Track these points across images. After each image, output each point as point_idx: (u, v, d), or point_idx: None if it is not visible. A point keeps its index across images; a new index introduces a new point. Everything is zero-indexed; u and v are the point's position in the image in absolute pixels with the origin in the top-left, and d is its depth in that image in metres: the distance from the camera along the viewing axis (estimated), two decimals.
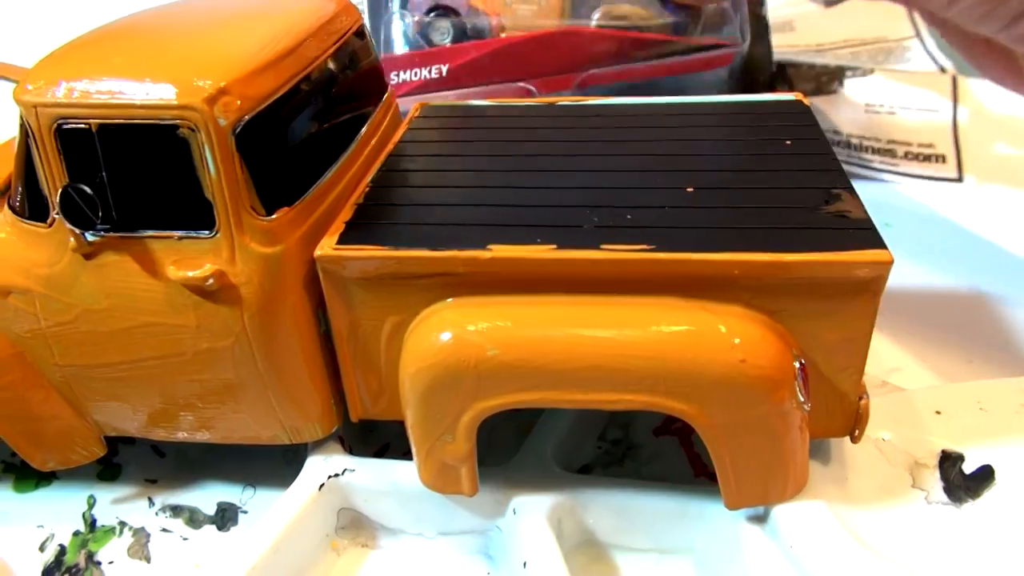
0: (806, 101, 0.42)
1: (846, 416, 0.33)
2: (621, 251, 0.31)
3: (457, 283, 0.32)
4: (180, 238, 0.32)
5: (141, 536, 0.38)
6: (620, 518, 0.35)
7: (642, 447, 0.40)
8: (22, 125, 0.32)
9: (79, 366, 0.35)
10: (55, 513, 0.40)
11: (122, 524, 0.39)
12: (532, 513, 0.34)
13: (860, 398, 0.33)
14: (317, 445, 0.37)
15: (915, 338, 0.47)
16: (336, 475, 0.36)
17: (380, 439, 0.41)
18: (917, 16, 0.74)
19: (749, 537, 0.33)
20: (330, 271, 0.33)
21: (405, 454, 0.36)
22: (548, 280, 0.31)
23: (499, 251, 0.31)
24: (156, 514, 0.39)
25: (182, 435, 0.37)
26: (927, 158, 0.64)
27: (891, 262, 0.29)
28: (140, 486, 0.41)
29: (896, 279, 0.30)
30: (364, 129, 0.39)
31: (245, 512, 0.39)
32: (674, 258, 0.30)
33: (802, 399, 0.31)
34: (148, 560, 0.37)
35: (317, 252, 0.32)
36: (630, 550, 0.36)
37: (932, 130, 0.66)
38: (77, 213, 0.31)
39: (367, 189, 0.36)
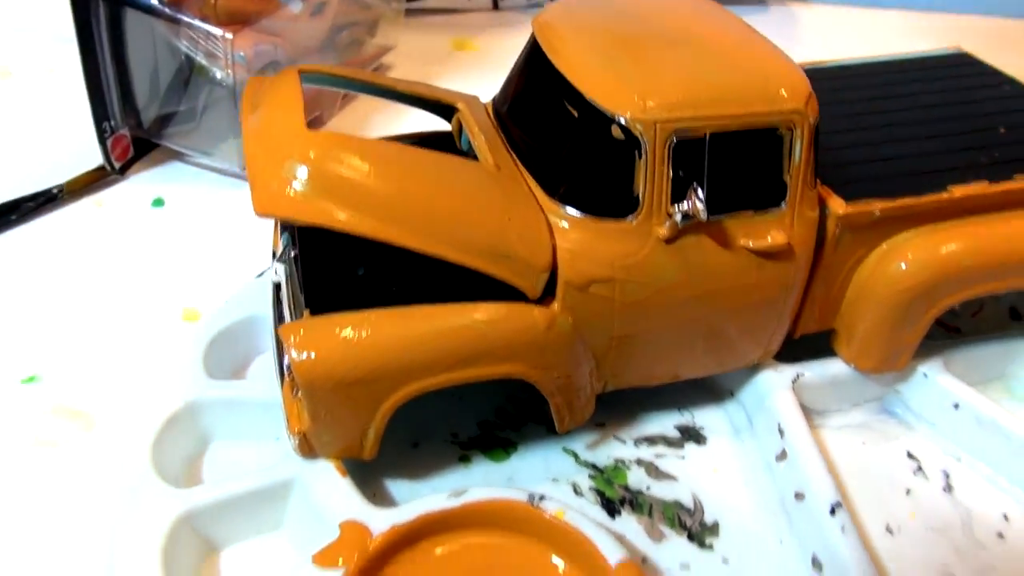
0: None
1: None
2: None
3: (913, 220, 0.44)
4: (753, 214, 0.40)
5: (646, 465, 0.46)
6: None
7: None
8: (610, 139, 0.38)
9: (630, 335, 0.42)
10: (552, 470, 0.46)
11: (619, 460, 0.46)
12: (940, 375, 0.48)
13: None
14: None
15: None
16: (795, 379, 0.47)
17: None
18: None
19: None
20: (843, 224, 0.43)
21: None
22: (971, 208, 0.45)
23: (957, 191, 0.44)
24: (635, 446, 0.47)
25: (685, 374, 0.45)
26: None
27: None
28: (594, 432, 0.48)
29: None
30: None
31: (702, 427, 0.48)
32: None
33: None
34: (675, 478, 0.45)
35: (839, 211, 0.42)
36: None
37: None
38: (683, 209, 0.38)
39: None
